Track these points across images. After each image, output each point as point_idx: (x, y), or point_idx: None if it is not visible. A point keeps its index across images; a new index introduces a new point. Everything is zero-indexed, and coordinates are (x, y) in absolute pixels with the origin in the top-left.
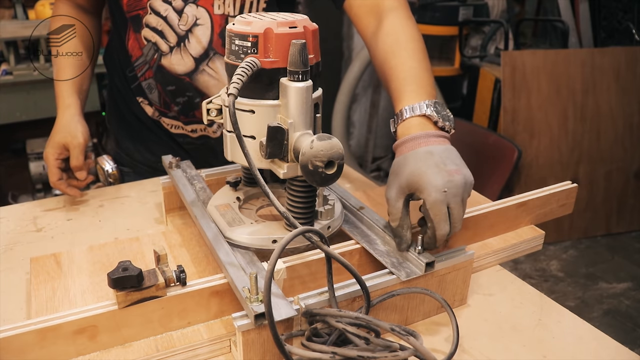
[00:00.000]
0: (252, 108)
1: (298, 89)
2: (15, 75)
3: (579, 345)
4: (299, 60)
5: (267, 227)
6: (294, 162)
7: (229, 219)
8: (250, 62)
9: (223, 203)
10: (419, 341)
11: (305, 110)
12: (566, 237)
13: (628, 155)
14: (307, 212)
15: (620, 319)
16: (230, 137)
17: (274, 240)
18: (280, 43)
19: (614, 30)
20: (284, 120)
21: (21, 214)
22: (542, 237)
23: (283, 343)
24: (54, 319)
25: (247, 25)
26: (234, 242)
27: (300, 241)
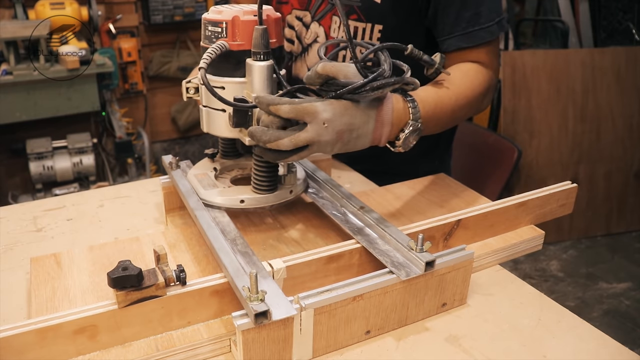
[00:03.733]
0: (222, 84)
1: (261, 67)
2: (15, 75)
3: (579, 345)
4: (261, 42)
5: (237, 190)
6: None
7: (205, 184)
8: (220, 44)
9: (201, 172)
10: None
11: (268, 86)
12: (566, 237)
13: (628, 155)
14: (271, 176)
15: (620, 319)
16: (206, 111)
17: (242, 200)
18: (245, 28)
19: (614, 30)
20: (249, 95)
21: (21, 214)
22: (542, 237)
23: None
24: (54, 319)
25: (218, 14)
26: (207, 202)
27: (265, 201)
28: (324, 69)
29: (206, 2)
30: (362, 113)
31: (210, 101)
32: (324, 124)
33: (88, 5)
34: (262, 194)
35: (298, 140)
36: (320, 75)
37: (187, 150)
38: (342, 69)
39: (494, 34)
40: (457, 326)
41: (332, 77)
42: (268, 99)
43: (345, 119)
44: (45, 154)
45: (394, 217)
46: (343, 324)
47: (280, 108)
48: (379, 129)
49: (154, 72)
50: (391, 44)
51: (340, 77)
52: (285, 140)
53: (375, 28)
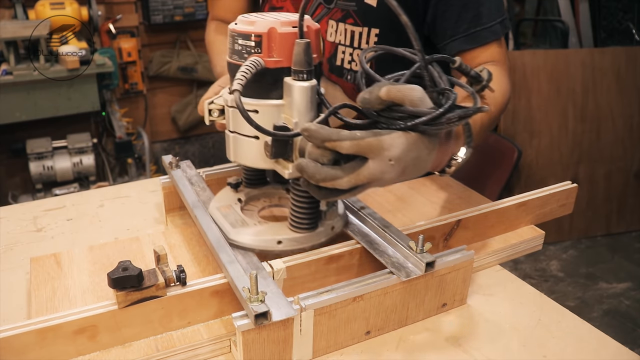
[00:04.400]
0: (256, 108)
1: (303, 88)
2: (15, 75)
3: (579, 345)
4: (303, 59)
5: (272, 228)
6: None
7: (232, 221)
8: (254, 61)
9: (225, 204)
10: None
11: (310, 110)
12: (566, 237)
13: (628, 155)
14: (312, 212)
15: (620, 319)
16: (233, 137)
17: (279, 241)
18: (284, 42)
19: (614, 30)
20: (288, 119)
21: (21, 214)
22: (542, 237)
23: None
24: (54, 319)
25: (250, 25)
26: (238, 243)
27: (305, 241)
28: (389, 94)
29: (206, 2)
30: (427, 144)
31: (239, 126)
32: (389, 161)
33: (88, 5)
34: (301, 232)
35: (359, 180)
36: (383, 102)
37: (187, 150)
38: (408, 94)
39: (497, 33)
40: (457, 326)
41: (397, 104)
42: (323, 134)
43: (412, 154)
44: (45, 154)
45: (394, 218)
46: (343, 325)
47: (340, 145)
48: (439, 159)
49: (154, 72)
50: (440, 56)
51: (407, 103)
52: (344, 180)
53: (372, 32)
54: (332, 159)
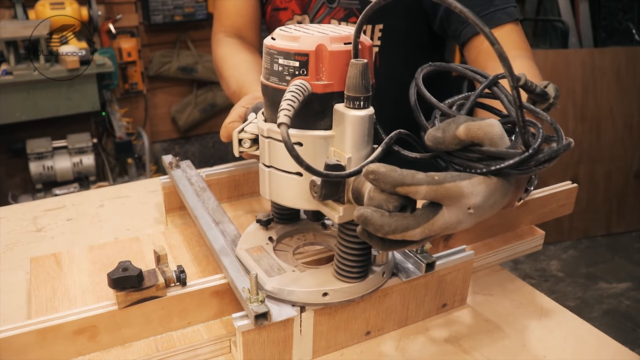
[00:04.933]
0: (299, 140)
1: (359, 118)
2: (15, 75)
3: (579, 345)
4: (360, 83)
5: (315, 277)
6: (351, 204)
7: (266, 267)
8: (301, 86)
9: (255, 246)
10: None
11: (367, 143)
12: (566, 237)
13: (628, 155)
14: (364, 258)
15: (620, 319)
16: (270, 172)
17: (325, 293)
18: (335, 63)
19: (614, 30)
20: (339, 154)
21: (21, 214)
22: (542, 237)
23: None
24: (54, 319)
25: (294, 42)
26: (278, 296)
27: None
28: (469, 134)
29: (206, 2)
30: (504, 188)
31: (278, 161)
32: (468, 209)
33: (88, 5)
34: (350, 282)
35: (432, 230)
36: (461, 142)
37: (187, 150)
38: (488, 132)
39: (512, 15)
40: (457, 326)
41: (476, 143)
42: (395, 178)
43: (491, 201)
44: (45, 154)
45: None
46: (343, 325)
47: (416, 190)
48: (512, 199)
49: (154, 72)
50: (501, 74)
51: (487, 142)
52: (417, 231)
53: (376, 28)
54: (399, 205)
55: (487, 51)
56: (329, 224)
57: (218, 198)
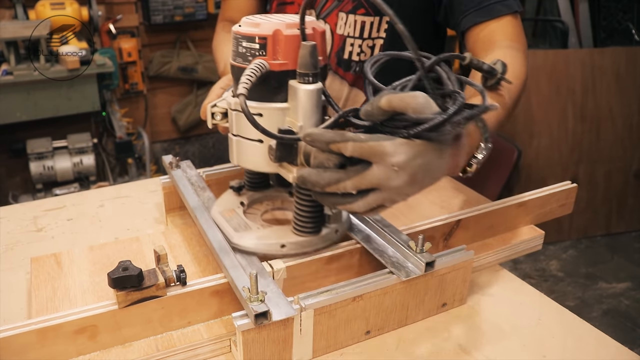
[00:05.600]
0: (259, 111)
1: (308, 91)
2: (16, 75)
3: (579, 345)
4: (309, 62)
5: (275, 232)
6: (304, 166)
7: (235, 225)
8: (259, 64)
9: (227, 208)
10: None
11: (315, 113)
12: (566, 237)
13: (628, 155)
14: (316, 215)
15: (620, 319)
16: (237, 140)
17: (283, 245)
18: (290, 45)
19: (614, 31)
20: (293, 123)
21: (21, 214)
22: (542, 237)
23: None
24: (54, 319)
25: (255, 27)
26: (241, 247)
27: (309, 245)
28: (390, 105)
29: (206, 2)
30: (436, 150)
31: (243, 130)
32: (393, 167)
33: (88, 6)
34: (305, 236)
35: (362, 183)
36: (385, 112)
37: (187, 150)
38: (410, 103)
39: (511, 7)
40: (457, 326)
41: (399, 112)
42: (326, 137)
43: (419, 162)
44: (45, 154)
45: (394, 217)
46: (343, 324)
47: (344, 146)
48: (453, 161)
49: (154, 72)
50: (448, 55)
51: (410, 111)
52: (348, 183)
53: (383, 20)
54: (338, 163)
55: (482, 40)
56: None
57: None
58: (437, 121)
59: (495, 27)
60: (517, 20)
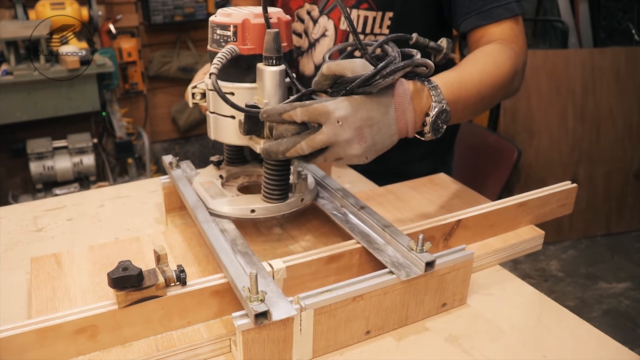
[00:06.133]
0: (232, 90)
1: (272, 72)
2: (16, 75)
3: (578, 345)
4: (273, 47)
5: (246, 199)
6: (270, 139)
7: (212, 193)
8: (230, 48)
9: (207, 180)
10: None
11: (279, 91)
12: (566, 237)
13: (628, 155)
14: (282, 184)
15: (620, 319)
16: (213, 117)
17: (253, 210)
18: (256, 32)
19: (614, 31)
20: (260, 100)
21: (21, 214)
22: (542, 237)
23: None
24: (54, 319)
25: (227, 17)
26: (216, 212)
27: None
28: (329, 69)
29: (206, 2)
30: (377, 104)
31: (218, 107)
32: (338, 122)
33: (88, 5)
34: (273, 202)
35: (315, 142)
36: (327, 77)
37: (187, 150)
38: (347, 66)
39: (512, 11)
40: (457, 326)
41: (339, 76)
42: (278, 109)
43: (360, 114)
44: (45, 154)
45: (394, 217)
46: (343, 324)
47: (294, 113)
48: (401, 118)
49: (154, 72)
50: (395, 35)
51: (348, 73)
52: (302, 145)
53: (386, 16)
54: (295, 132)
55: (482, 43)
56: None
57: None
58: (367, 75)
59: (495, 31)
60: (517, 23)
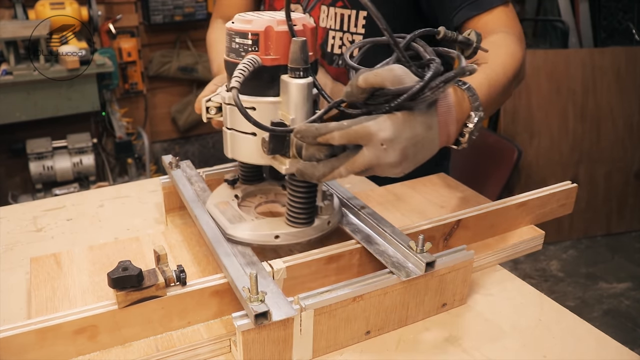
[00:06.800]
0: (253, 105)
1: (299, 85)
2: (15, 75)
3: (579, 345)
4: (300, 57)
5: (269, 223)
6: (296, 158)
7: (229, 216)
8: (252, 59)
9: (222, 201)
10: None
11: (306, 106)
12: (566, 237)
13: (628, 155)
14: (309, 207)
15: (620, 319)
16: (230, 134)
17: (277, 235)
18: (281, 41)
19: (614, 30)
20: (285, 116)
21: (21, 214)
22: (542, 237)
23: None
24: (54, 319)
25: (247, 24)
26: (236, 238)
27: (302, 235)
28: (366, 82)
29: (206, 2)
30: (422, 120)
31: (237, 123)
32: (382, 145)
33: (88, 5)
34: (298, 227)
35: (355, 167)
36: (364, 90)
37: (187, 150)
38: (387, 76)
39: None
40: (457, 326)
41: (378, 88)
42: (313, 131)
43: (406, 134)
44: (45, 154)
45: (394, 217)
46: (343, 325)
47: (331, 137)
48: (444, 131)
49: (154, 72)
50: (423, 31)
51: (388, 85)
52: (341, 170)
53: (360, 15)
54: (329, 154)
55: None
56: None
57: None
58: (415, 89)
59: (489, 19)
60: (509, 9)
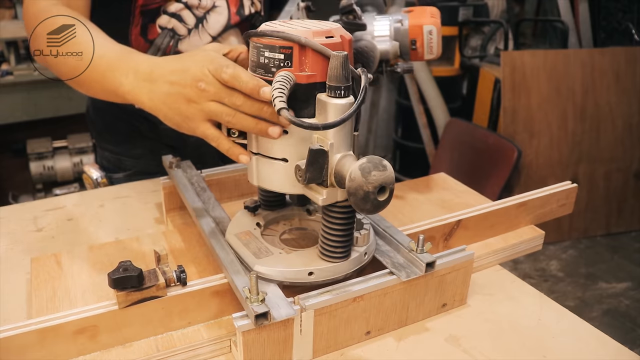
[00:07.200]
0: (285, 128)
1: (340, 106)
2: (16, 75)
3: (578, 345)
4: (341, 74)
5: (300, 257)
6: (334, 187)
7: (254, 249)
8: (286, 76)
9: (243, 231)
10: None
11: (347, 130)
12: (566, 237)
13: (628, 155)
14: (346, 239)
15: (620, 319)
16: (256, 159)
17: (310, 272)
18: (317, 55)
19: (614, 31)
20: (322, 140)
21: (21, 214)
22: (542, 237)
23: None
24: (55, 319)
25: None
26: (265, 276)
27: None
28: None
29: None
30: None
31: (264, 147)
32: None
33: None
34: (334, 262)
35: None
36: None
37: None
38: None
39: None
40: (457, 326)
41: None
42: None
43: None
44: (45, 154)
45: (394, 218)
46: (343, 325)
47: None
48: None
49: None
50: None
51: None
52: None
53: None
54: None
55: None
56: (313, 209)
57: (218, 198)
58: None
59: None
60: None
